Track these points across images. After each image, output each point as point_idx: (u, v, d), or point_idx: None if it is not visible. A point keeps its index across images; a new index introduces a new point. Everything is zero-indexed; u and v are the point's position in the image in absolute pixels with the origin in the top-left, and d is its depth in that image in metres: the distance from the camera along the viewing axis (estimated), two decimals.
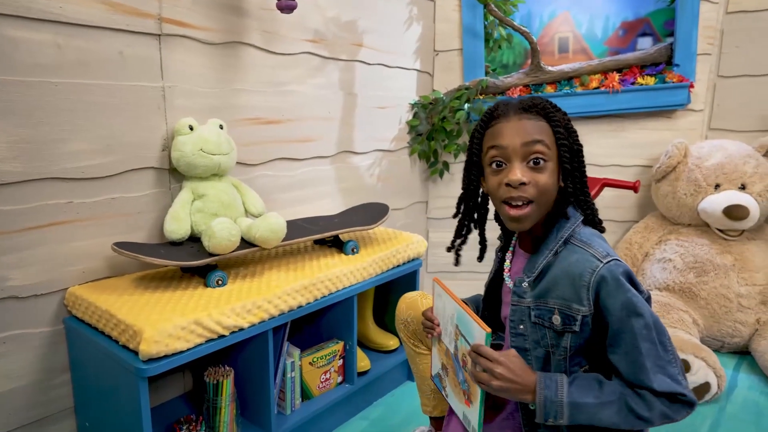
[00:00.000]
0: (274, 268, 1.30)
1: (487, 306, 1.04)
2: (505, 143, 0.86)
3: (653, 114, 2.16)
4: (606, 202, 2.23)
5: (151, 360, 0.95)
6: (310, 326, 1.51)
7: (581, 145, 0.90)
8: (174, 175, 1.29)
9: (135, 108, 1.19)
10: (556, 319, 0.86)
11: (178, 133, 1.22)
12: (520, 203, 0.86)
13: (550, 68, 2.12)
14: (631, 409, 0.81)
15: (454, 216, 1.00)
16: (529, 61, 2.17)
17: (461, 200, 0.98)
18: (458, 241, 1.01)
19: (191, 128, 1.23)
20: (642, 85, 2.09)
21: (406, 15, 1.94)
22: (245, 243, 1.22)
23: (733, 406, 1.55)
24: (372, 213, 1.54)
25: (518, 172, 0.84)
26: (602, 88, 2.09)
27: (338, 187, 1.75)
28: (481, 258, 1.04)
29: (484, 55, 2.17)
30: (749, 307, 1.78)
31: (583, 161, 0.91)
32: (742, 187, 1.86)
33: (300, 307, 1.22)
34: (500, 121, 0.89)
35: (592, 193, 1.75)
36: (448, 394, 1.02)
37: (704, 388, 1.52)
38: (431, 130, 2.11)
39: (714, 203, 1.84)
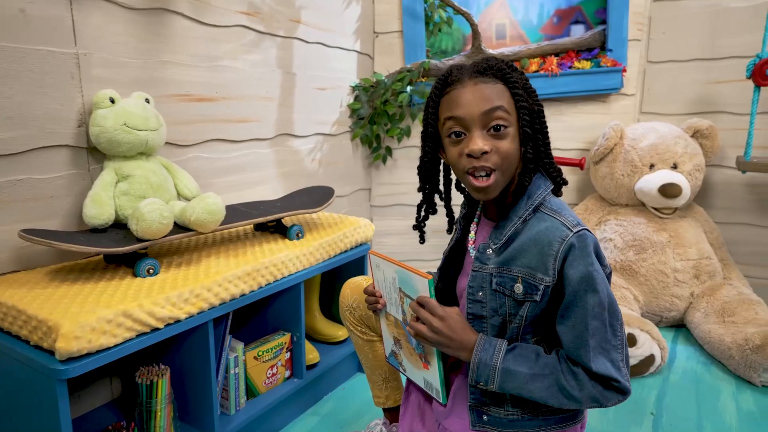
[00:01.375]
0: (212, 255, 1.18)
1: (443, 276, 0.99)
2: (462, 113, 0.81)
3: (589, 98, 2.20)
4: None
5: (71, 359, 0.82)
6: (253, 318, 1.40)
7: (542, 106, 0.86)
8: (94, 155, 1.14)
9: (43, 76, 1.04)
10: (518, 288, 0.82)
11: (97, 107, 1.08)
12: (483, 174, 0.81)
13: (490, 51, 2.12)
14: (562, 387, 0.79)
15: (419, 190, 0.94)
16: (468, 47, 2.16)
17: (421, 172, 0.92)
18: (422, 216, 0.96)
19: (112, 101, 1.09)
20: (579, 68, 2.13)
21: None
22: (178, 228, 1.10)
23: (675, 375, 1.59)
24: (316, 196, 1.45)
25: (479, 141, 0.80)
26: (542, 72, 2.12)
27: (278, 172, 1.65)
28: (450, 230, 1.00)
29: (425, 37, 2.13)
30: (684, 281, 1.85)
31: (545, 123, 0.87)
32: (674, 167, 1.93)
33: (243, 295, 1.11)
34: (455, 87, 0.83)
35: None
36: (405, 368, 0.97)
37: (649, 360, 1.55)
38: (373, 113, 2.05)
39: (650, 182, 1.90)
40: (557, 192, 0.89)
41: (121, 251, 0.98)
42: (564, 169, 2.25)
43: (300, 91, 1.69)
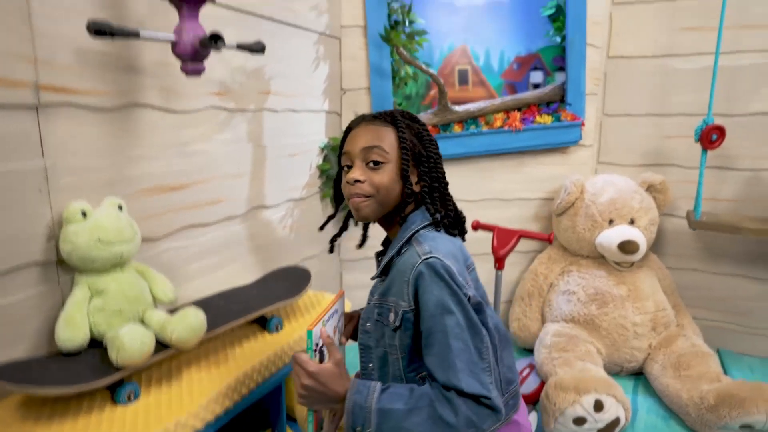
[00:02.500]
0: (192, 366, 1.15)
1: None
2: (349, 148, 0.99)
3: (549, 150, 2.28)
4: None
5: None
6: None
7: (435, 153, 1.00)
8: (63, 266, 1.09)
9: (9, 195, 0.98)
10: (392, 317, 0.91)
11: (68, 222, 1.03)
12: (359, 199, 0.95)
13: (457, 108, 2.16)
14: (439, 416, 0.81)
15: (333, 202, 1.13)
16: (432, 92, 2.19)
17: (335, 195, 1.10)
18: (338, 234, 1.14)
19: (84, 214, 1.04)
20: (540, 123, 2.20)
21: (314, 55, 1.85)
22: (159, 344, 1.06)
23: (637, 431, 1.68)
24: (293, 280, 1.44)
25: (357, 172, 0.96)
26: (506, 128, 2.17)
27: (251, 246, 1.62)
28: (360, 245, 1.17)
29: (391, 91, 2.15)
30: (643, 334, 1.95)
31: (435, 167, 0.99)
32: (632, 222, 2.03)
33: (227, 411, 1.09)
34: (352, 129, 1.02)
35: (510, 244, 1.80)
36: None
37: (615, 422, 1.62)
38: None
39: (609, 238, 1.99)
40: (437, 227, 0.96)
41: (102, 385, 0.95)
42: (526, 217, 2.32)
43: (271, 162, 1.67)
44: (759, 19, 1.99)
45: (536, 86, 2.30)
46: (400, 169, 0.96)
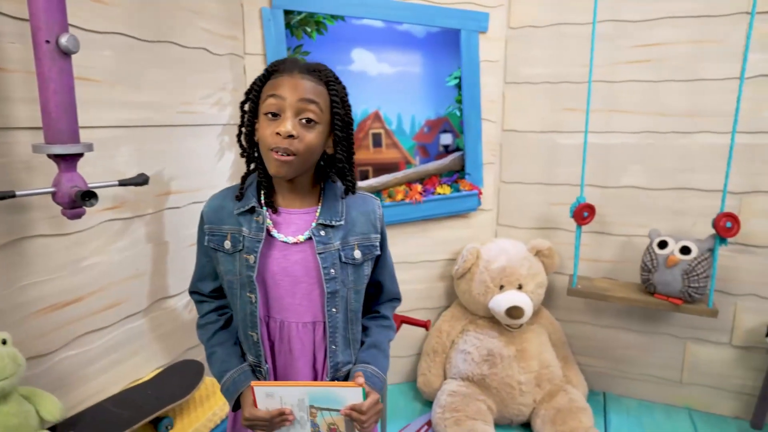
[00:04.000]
0: None
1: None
2: (284, 95, 0.94)
3: (452, 215, 2.47)
4: (419, 294, 2.49)
5: None
6: None
7: (352, 120, 1.04)
8: None
9: None
10: (357, 254, 1.05)
11: None
12: (285, 154, 0.94)
13: (360, 183, 2.31)
14: (390, 333, 1.17)
15: (242, 155, 1.06)
16: None
17: (239, 139, 1.04)
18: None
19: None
20: (440, 194, 2.38)
21: (218, 146, 1.97)
22: None
23: None
24: (186, 376, 1.56)
25: (289, 125, 0.93)
26: (407, 200, 2.34)
27: (154, 336, 1.74)
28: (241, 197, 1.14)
29: None
30: (527, 391, 2.16)
31: (353, 135, 1.04)
32: (520, 287, 2.23)
33: None
34: (283, 75, 0.96)
35: None
36: None
37: None
38: None
39: (499, 303, 2.19)
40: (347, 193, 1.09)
41: None
42: (432, 277, 2.50)
43: (174, 255, 1.78)
44: (625, 106, 2.22)
45: (446, 147, 2.48)
46: (328, 132, 0.99)
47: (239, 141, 1.05)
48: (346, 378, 1.10)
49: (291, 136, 0.93)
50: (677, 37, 2.10)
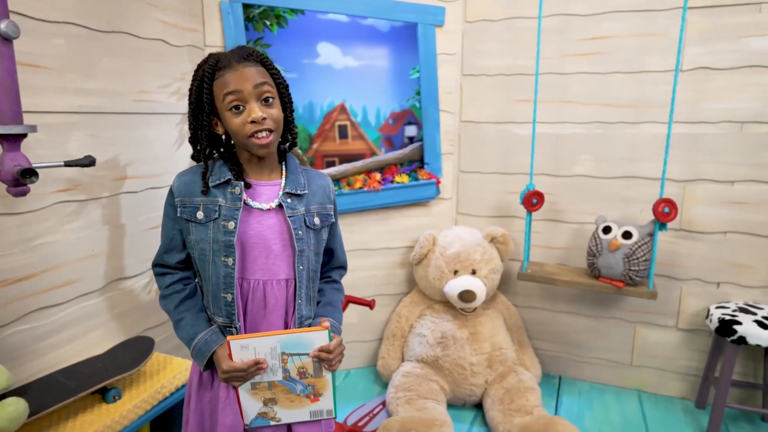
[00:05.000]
0: None
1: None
2: (239, 88, 1.06)
3: (412, 204, 2.54)
4: (379, 281, 2.57)
5: None
6: None
7: (287, 83, 1.17)
8: None
9: None
10: (316, 221, 1.19)
11: None
12: (264, 134, 1.09)
13: (323, 172, 2.38)
14: (341, 295, 1.34)
15: (194, 157, 1.19)
16: (315, 145, 2.42)
17: (200, 143, 1.14)
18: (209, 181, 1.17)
19: None
20: (399, 183, 2.46)
21: (177, 135, 2.05)
22: None
23: None
24: (137, 351, 1.63)
25: (257, 110, 1.07)
26: (365, 188, 2.42)
27: (111, 315, 1.81)
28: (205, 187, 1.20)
29: None
30: (479, 372, 2.24)
31: (290, 95, 1.18)
32: (473, 272, 2.31)
33: None
34: (227, 71, 1.08)
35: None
36: (280, 418, 1.16)
37: None
38: None
39: (452, 288, 2.26)
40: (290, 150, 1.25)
41: None
42: (391, 264, 2.58)
43: (131, 238, 1.86)
44: (575, 97, 2.30)
45: (411, 139, 2.56)
46: (281, 101, 1.14)
47: (194, 141, 1.16)
48: None
49: (264, 119, 1.08)
50: (622, 30, 2.18)
